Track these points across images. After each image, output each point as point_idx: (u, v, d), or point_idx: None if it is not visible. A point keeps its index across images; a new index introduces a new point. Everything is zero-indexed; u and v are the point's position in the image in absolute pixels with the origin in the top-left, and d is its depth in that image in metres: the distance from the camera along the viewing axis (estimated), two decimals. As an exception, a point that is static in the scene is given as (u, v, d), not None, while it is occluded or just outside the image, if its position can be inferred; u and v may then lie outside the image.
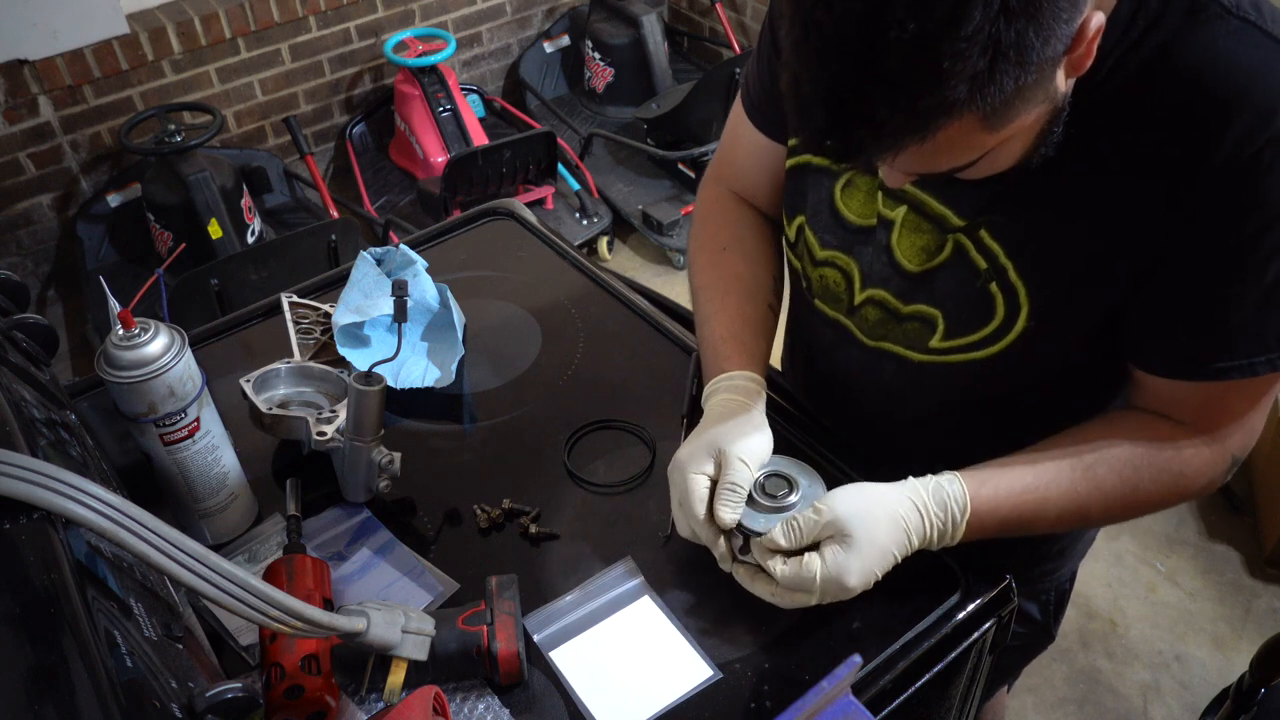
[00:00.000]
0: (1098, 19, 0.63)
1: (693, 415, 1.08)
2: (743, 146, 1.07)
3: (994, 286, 0.84)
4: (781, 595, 0.83)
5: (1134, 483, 0.84)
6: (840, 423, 1.08)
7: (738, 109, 1.06)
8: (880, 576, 0.82)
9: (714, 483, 0.86)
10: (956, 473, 0.84)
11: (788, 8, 0.64)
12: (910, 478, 0.84)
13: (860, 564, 0.80)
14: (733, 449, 0.86)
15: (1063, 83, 0.67)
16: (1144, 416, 0.86)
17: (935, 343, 0.91)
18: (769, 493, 0.87)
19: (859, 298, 0.95)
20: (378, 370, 0.94)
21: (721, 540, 0.86)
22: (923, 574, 0.93)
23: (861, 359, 0.98)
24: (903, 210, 0.88)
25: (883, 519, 0.81)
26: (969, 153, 0.68)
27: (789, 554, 0.82)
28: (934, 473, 0.85)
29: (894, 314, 0.93)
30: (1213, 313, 0.77)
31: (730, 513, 0.84)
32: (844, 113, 0.62)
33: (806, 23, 0.61)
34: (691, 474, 0.86)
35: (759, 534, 0.84)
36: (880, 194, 0.89)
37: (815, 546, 0.82)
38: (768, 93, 1.00)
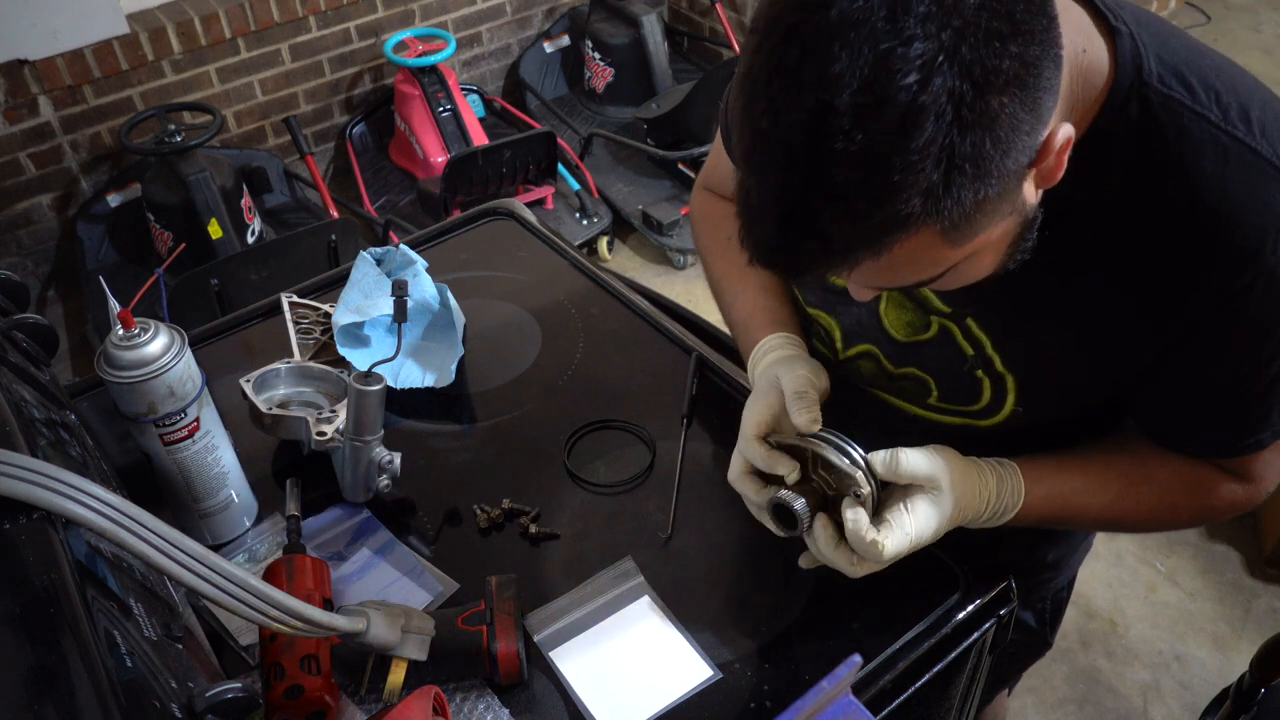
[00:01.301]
0: (1065, 131, 0.61)
1: (693, 415, 1.08)
2: (726, 172, 1.05)
3: (980, 373, 0.84)
4: (861, 566, 0.82)
5: (1171, 504, 0.86)
6: None
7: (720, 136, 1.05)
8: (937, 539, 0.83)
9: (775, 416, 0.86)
10: (1017, 465, 0.84)
11: (738, 116, 0.61)
12: (975, 458, 0.84)
13: (942, 519, 0.80)
14: (791, 371, 0.86)
15: (1032, 194, 0.65)
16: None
17: (933, 401, 0.91)
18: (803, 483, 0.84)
19: (844, 354, 0.96)
20: (378, 370, 0.94)
21: (751, 483, 0.86)
22: (923, 574, 0.93)
23: (859, 403, 0.98)
24: None
25: (971, 483, 0.81)
26: (932, 267, 0.65)
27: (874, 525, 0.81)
28: (996, 459, 0.85)
29: (887, 373, 0.93)
30: (1222, 409, 0.79)
31: (805, 417, 0.82)
32: (792, 226, 0.60)
33: (755, 133, 0.59)
34: (751, 405, 0.86)
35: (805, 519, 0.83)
36: None
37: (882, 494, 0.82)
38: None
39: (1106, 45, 0.69)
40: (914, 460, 0.80)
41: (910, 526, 0.79)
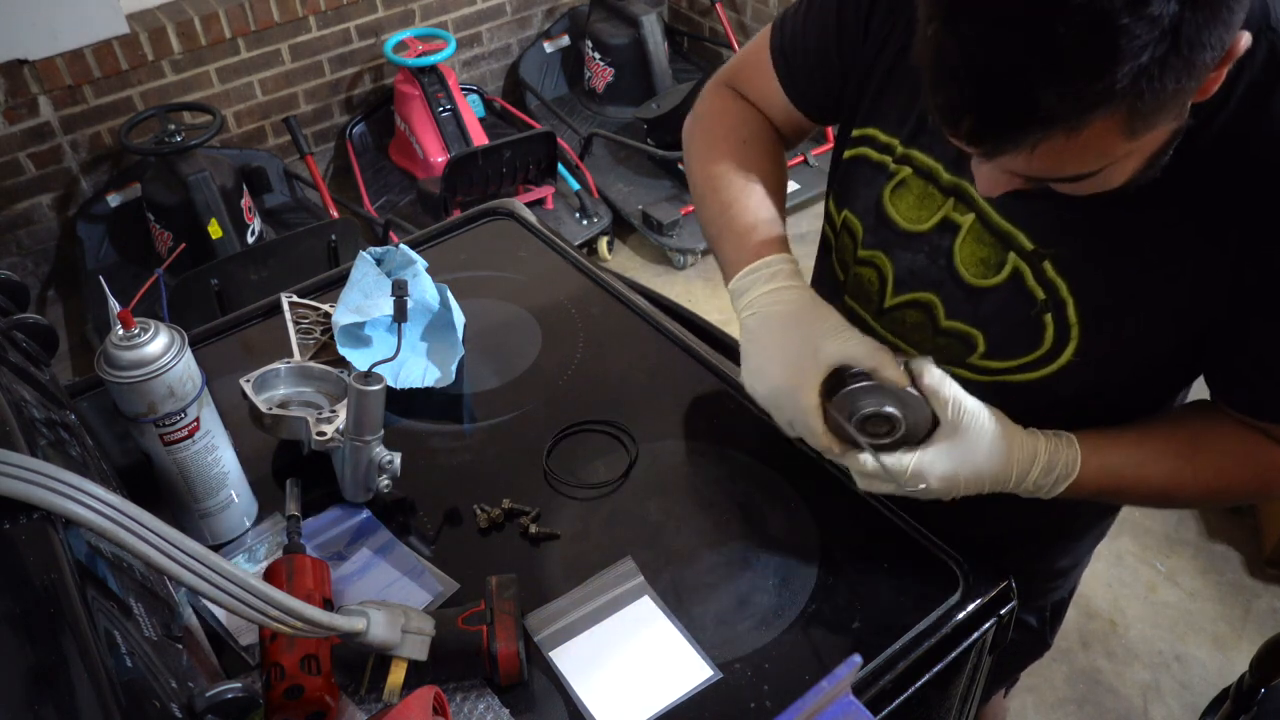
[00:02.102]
0: (1246, 39, 0.60)
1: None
2: (763, 92, 1.03)
3: (1048, 318, 0.83)
4: (870, 482, 0.83)
5: (1227, 479, 0.85)
6: None
7: (763, 48, 1.01)
8: (960, 494, 0.82)
9: (826, 388, 0.83)
10: (1075, 437, 0.84)
11: None
12: (1035, 429, 0.84)
13: (947, 469, 0.80)
14: (834, 347, 0.82)
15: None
16: (1241, 422, 0.86)
17: (974, 359, 0.89)
18: (870, 433, 0.82)
19: (890, 300, 0.94)
20: (378, 370, 0.94)
21: (835, 444, 0.83)
22: (923, 573, 0.94)
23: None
24: (971, 218, 0.85)
25: (998, 449, 0.81)
26: (1098, 159, 0.64)
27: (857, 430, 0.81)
28: (1051, 431, 0.85)
29: (933, 325, 0.91)
30: None
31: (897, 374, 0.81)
32: (999, 87, 0.58)
33: None
34: (802, 393, 0.82)
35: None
36: (951, 198, 0.86)
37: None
38: (817, 77, 0.97)
39: None
40: (968, 407, 0.79)
41: (900, 466, 0.81)
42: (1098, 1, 0.53)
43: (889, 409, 0.81)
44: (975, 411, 0.80)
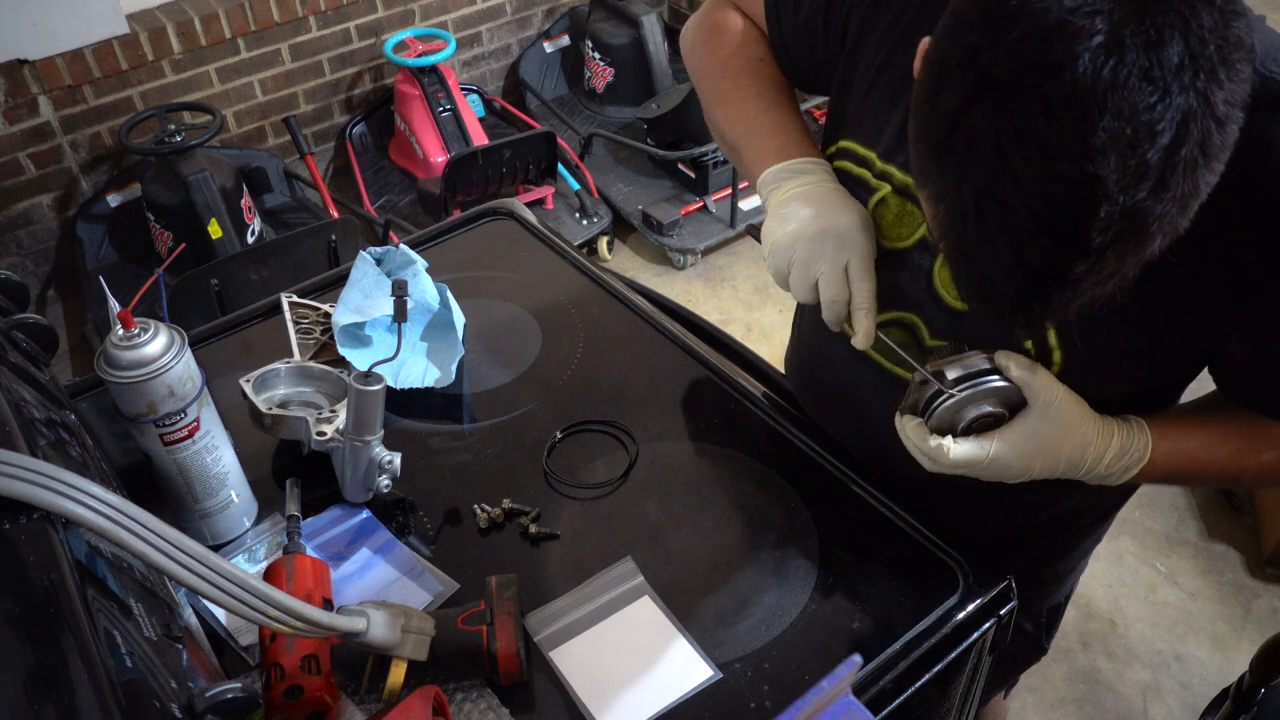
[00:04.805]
0: None
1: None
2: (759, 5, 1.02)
3: (1029, 344, 0.83)
4: (944, 467, 0.82)
5: None
6: (839, 435, 1.07)
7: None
8: (1032, 478, 0.83)
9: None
10: (1144, 423, 0.84)
11: (942, 173, 0.60)
12: (1107, 417, 0.84)
13: (1028, 450, 0.80)
14: (865, 265, 0.86)
15: None
16: None
17: None
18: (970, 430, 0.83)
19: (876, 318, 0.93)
20: (378, 370, 0.94)
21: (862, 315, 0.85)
22: (923, 573, 0.94)
23: (872, 379, 0.96)
24: None
25: (1079, 436, 0.81)
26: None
27: (959, 433, 0.82)
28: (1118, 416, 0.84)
29: (918, 344, 0.91)
30: None
31: (866, 325, 0.83)
32: (1042, 285, 0.60)
33: (983, 195, 0.58)
34: (833, 233, 0.85)
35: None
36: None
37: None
38: (805, 53, 0.97)
39: None
40: (1024, 374, 0.79)
41: (982, 453, 0.80)
42: (1122, 201, 0.55)
43: (992, 408, 0.81)
44: (1064, 399, 0.80)
